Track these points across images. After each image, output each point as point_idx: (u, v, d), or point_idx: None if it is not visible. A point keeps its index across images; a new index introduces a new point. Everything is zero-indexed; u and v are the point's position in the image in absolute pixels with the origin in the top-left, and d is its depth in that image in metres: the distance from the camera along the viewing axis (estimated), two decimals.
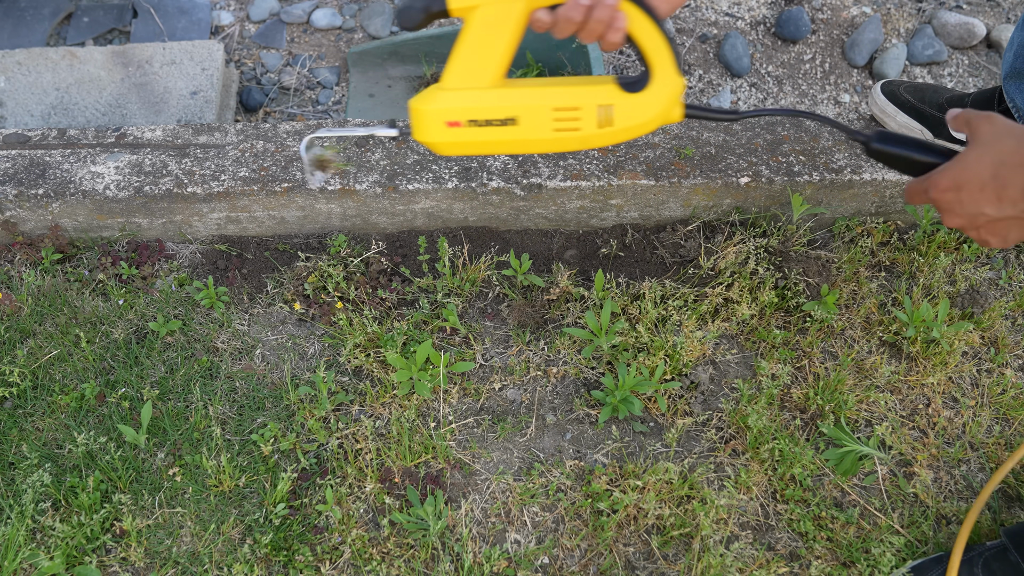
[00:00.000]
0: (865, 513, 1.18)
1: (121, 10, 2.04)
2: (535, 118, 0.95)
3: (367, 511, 1.16)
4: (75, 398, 1.24)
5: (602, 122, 0.95)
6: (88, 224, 1.42)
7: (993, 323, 1.37)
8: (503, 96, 0.94)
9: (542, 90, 0.94)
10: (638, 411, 1.22)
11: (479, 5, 0.89)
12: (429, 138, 0.97)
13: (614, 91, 0.93)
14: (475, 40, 0.91)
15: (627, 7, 0.85)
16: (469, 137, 0.96)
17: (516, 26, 0.91)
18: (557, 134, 0.96)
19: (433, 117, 0.94)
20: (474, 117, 0.95)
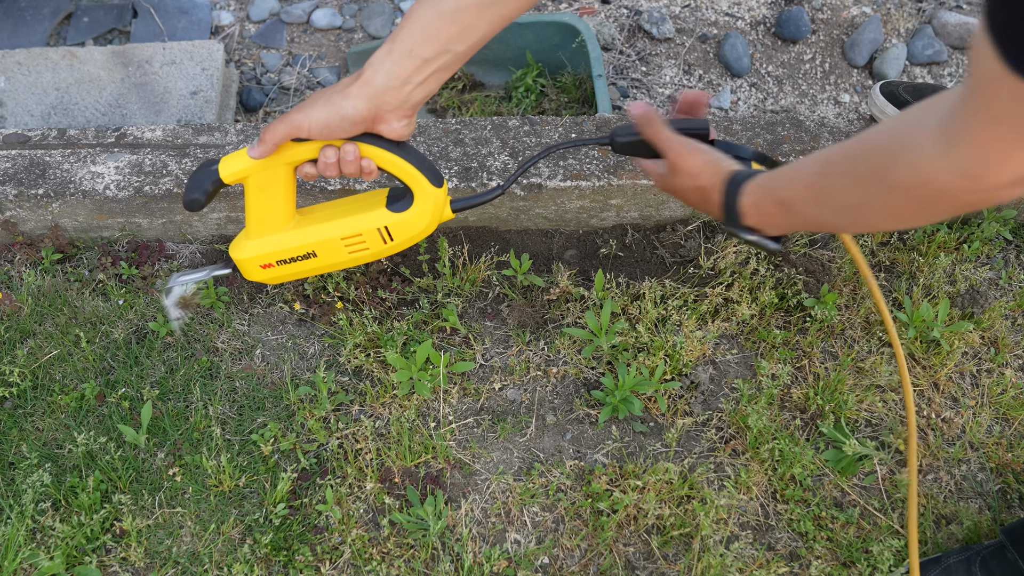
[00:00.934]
0: (865, 513, 1.18)
1: (121, 10, 2.04)
2: (329, 249, 1.07)
3: (367, 511, 1.16)
4: (75, 398, 1.24)
5: (385, 240, 1.06)
6: (88, 224, 1.42)
7: (993, 323, 1.37)
8: (298, 236, 1.07)
9: (329, 224, 1.06)
10: (638, 411, 1.22)
11: (249, 175, 1.00)
12: (253, 278, 1.11)
13: (385, 214, 1.04)
14: (258, 199, 1.03)
15: (368, 150, 0.95)
16: (284, 271, 1.10)
17: (286, 181, 1.02)
18: (352, 255, 1.08)
19: (249, 264, 1.09)
20: (280, 257, 1.08)
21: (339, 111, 0.88)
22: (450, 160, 1.41)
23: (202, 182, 1.00)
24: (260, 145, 0.94)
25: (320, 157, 0.94)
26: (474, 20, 0.87)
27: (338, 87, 0.89)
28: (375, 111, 0.89)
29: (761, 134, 1.48)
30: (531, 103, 1.85)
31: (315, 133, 0.91)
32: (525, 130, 1.47)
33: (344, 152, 0.93)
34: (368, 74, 0.87)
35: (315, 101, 0.89)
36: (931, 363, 1.32)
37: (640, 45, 1.96)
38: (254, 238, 1.08)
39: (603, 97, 1.61)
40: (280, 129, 0.91)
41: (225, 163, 1.00)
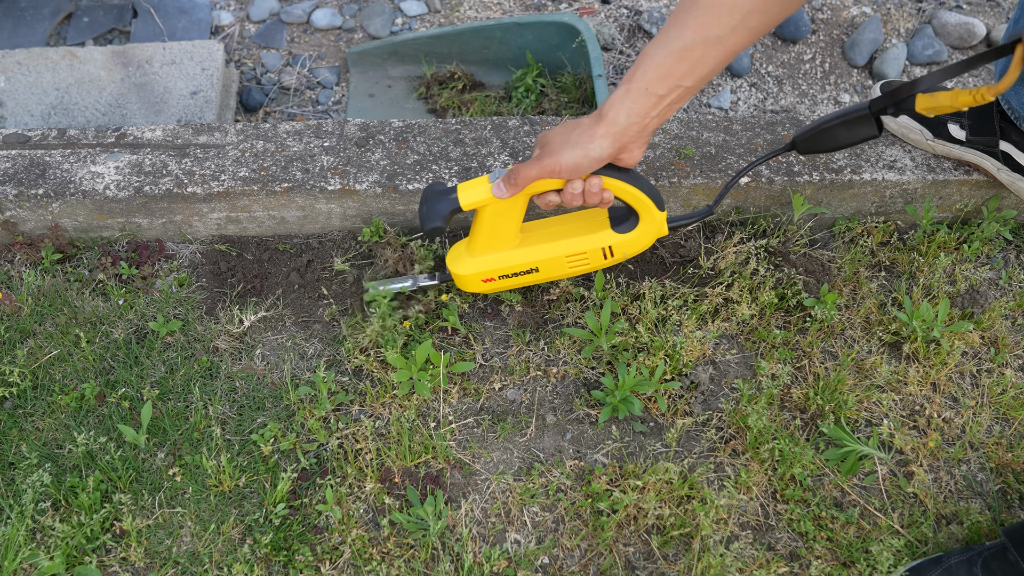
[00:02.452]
0: (865, 513, 1.18)
1: (121, 10, 2.04)
2: (552, 265, 1.19)
3: (367, 511, 1.16)
4: (75, 398, 1.24)
5: (606, 256, 1.18)
6: (88, 224, 1.42)
7: (993, 323, 1.37)
8: (524, 254, 1.18)
9: (555, 244, 1.17)
10: (638, 411, 1.22)
11: (488, 204, 1.10)
12: (470, 290, 1.24)
13: (611, 235, 1.15)
14: (491, 224, 1.13)
15: (608, 182, 1.05)
16: (503, 284, 1.22)
17: (522, 208, 1.12)
18: (571, 269, 1.20)
19: (471, 278, 1.21)
20: (504, 273, 1.20)
21: (588, 153, 1.00)
22: (450, 160, 1.41)
23: (442, 211, 1.09)
24: (511, 188, 1.06)
25: (567, 190, 1.05)
26: (701, 56, 0.94)
27: (579, 129, 1.00)
28: (619, 146, 1.00)
29: (761, 134, 1.48)
30: (531, 103, 1.85)
31: (566, 175, 1.02)
32: (525, 130, 1.47)
33: (590, 185, 1.04)
34: (611, 116, 0.97)
35: (562, 146, 1.01)
36: (931, 363, 1.32)
37: (640, 45, 1.96)
38: (479, 255, 1.19)
39: (603, 97, 1.61)
40: (533, 175, 1.03)
41: (465, 194, 1.09)
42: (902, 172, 1.42)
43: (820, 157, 1.44)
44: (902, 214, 1.49)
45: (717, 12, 0.91)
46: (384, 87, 1.98)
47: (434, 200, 1.10)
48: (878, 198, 1.45)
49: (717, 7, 0.91)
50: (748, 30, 0.93)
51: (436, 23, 2.07)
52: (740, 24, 0.92)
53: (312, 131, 1.46)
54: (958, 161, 1.43)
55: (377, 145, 1.44)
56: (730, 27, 0.92)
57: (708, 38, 0.92)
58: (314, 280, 1.40)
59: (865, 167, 1.42)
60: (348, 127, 1.47)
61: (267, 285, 1.39)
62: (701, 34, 0.93)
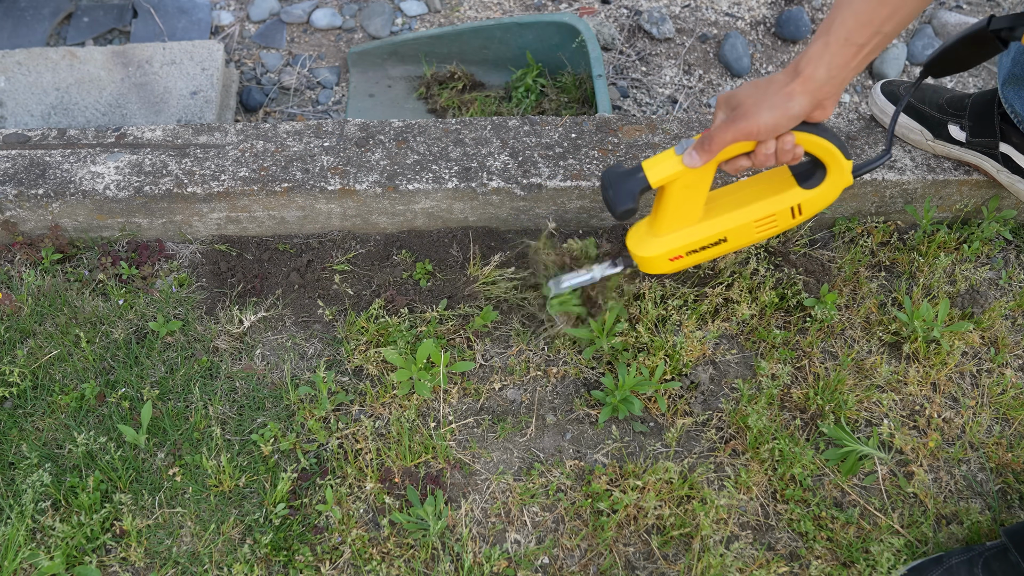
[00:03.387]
0: (865, 513, 1.18)
1: (121, 10, 2.04)
2: (741, 232, 1.15)
3: (367, 511, 1.16)
4: (75, 398, 1.24)
5: (795, 215, 1.14)
6: (88, 224, 1.42)
7: (993, 323, 1.37)
8: (711, 226, 1.14)
9: (742, 211, 1.13)
10: (638, 411, 1.22)
11: (677, 178, 1.06)
12: (656, 271, 1.19)
13: (799, 192, 1.12)
14: (680, 197, 1.09)
15: (801, 137, 1.02)
16: (691, 260, 1.17)
17: (709, 178, 1.08)
18: (759, 234, 1.16)
19: (658, 259, 1.16)
20: (692, 248, 1.15)
21: (787, 112, 0.96)
22: (450, 160, 1.41)
23: (632, 190, 1.05)
24: (704, 154, 1.01)
25: (760, 150, 1.00)
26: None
27: (774, 87, 0.96)
28: (816, 103, 0.96)
29: None
30: (531, 103, 1.85)
31: (764, 136, 0.98)
32: (525, 130, 1.47)
33: (783, 143, 0.99)
34: (808, 71, 0.93)
35: (757, 106, 0.96)
36: (931, 363, 1.32)
37: (640, 45, 1.96)
38: (664, 234, 1.14)
39: (603, 97, 1.61)
40: (728, 138, 0.98)
41: (653, 169, 1.05)
42: (902, 172, 1.42)
43: None
44: (902, 214, 1.49)
45: None
46: (384, 87, 1.98)
47: (620, 181, 1.06)
48: (878, 198, 1.45)
49: None
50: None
51: (436, 23, 2.07)
52: None
53: (312, 131, 1.46)
54: (958, 161, 1.43)
55: (377, 145, 1.44)
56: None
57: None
58: (314, 280, 1.40)
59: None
60: (348, 127, 1.47)
61: (267, 285, 1.39)
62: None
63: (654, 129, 1.48)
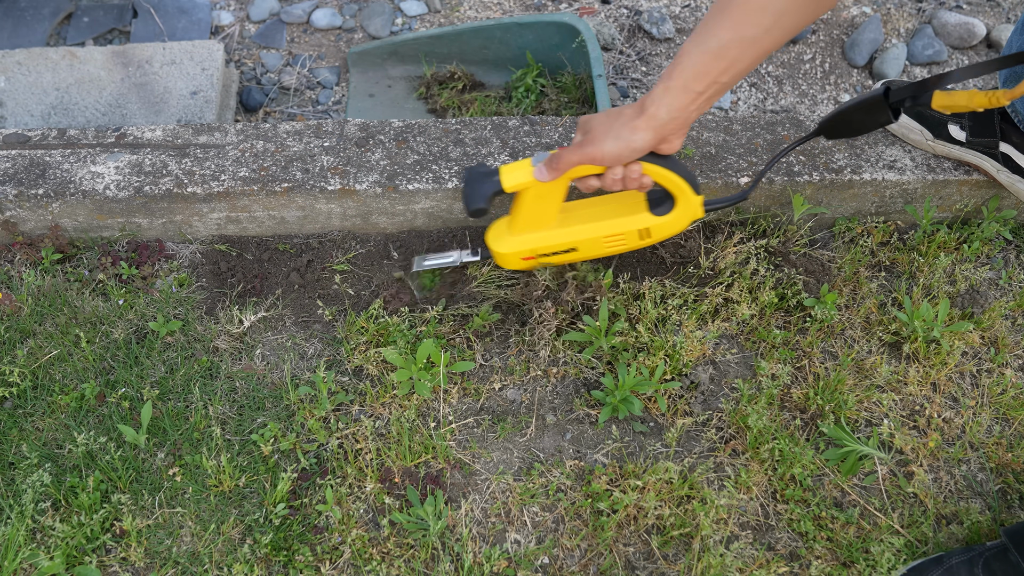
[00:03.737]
0: (865, 513, 1.18)
1: (121, 10, 2.04)
2: (590, 245, 1.22)
3: (367, 511, 1.16)
4: (75, 398, 1.24)
5: (643, 237, 1.21)
6: (88, 224, 1.42)
7: (993, 323, 1.37)
8: (563, 234, 1.21)
9: (593, 225, 1.20)
10: (638, 411, 1.22)
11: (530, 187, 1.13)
12: (508, 267, 1.28)
13: (648, 217, 1.19)
14: (533, 204, 1.16)
15: (648, 168, 1.08)
16: (539, 262, 1.26)
17: (563, 191, 1.15)
18: (607, 248, 1.23)
19: (511, 256, 1.24)
20: (543, 252, 1.23)
21: (630, 144, 1.04)
22: (450, 160, 1.41)
23: (485, 192, 1.13)
24: (552, 172, 1.10)
25: (608, 175, 1.09)
26: (737, 56, 0.97)
27: (622, 120, 1.04)
28: (660, 138, 1.04)
29: (761, 134, 1.48)
30: (531, 103, 1.85)
31: (608, 163, 1.06)
32: (525, 130, 1.47)
33: (630, 171, 1.08)
34: (652, 110, 1.01)
35: (604, 135, 1.05)
36: (931, 363, 1.32)
37: (640, 45, 1.96)
38: (518, 234, 1.22)
39: (603, 97, 1.61)
40: (574, 160, 1.07)
41: (508, 176, 1.13)
42: (902, 172, 1.42)
43: (820, 157, 1.44)
44: (902, 214, 1.49)
45: (751, 12, 0.94)
46: (384, 87, 1.98)
47: (477, 182, 1.14)
48: (878, 198, 1.45)
49: (751, 7, 0.94)
50: (782, 30, 0.95)
51: (436, 23, 2.07)
52: (774, 24, 0.94)
53: (312, 131, 1.46)
54: (958, 161, 1.43)
55: (377, 145, 1.44)
56: (764, 28, 0.94)
57: (743, 38, 0.95)
58: (314, 280, 1.40)
59: (865, 167, 1.42)
60: (348, 127, 1.47)
61: (267, 285, 1.39)
62: (736, 34, 0.95)
63: None
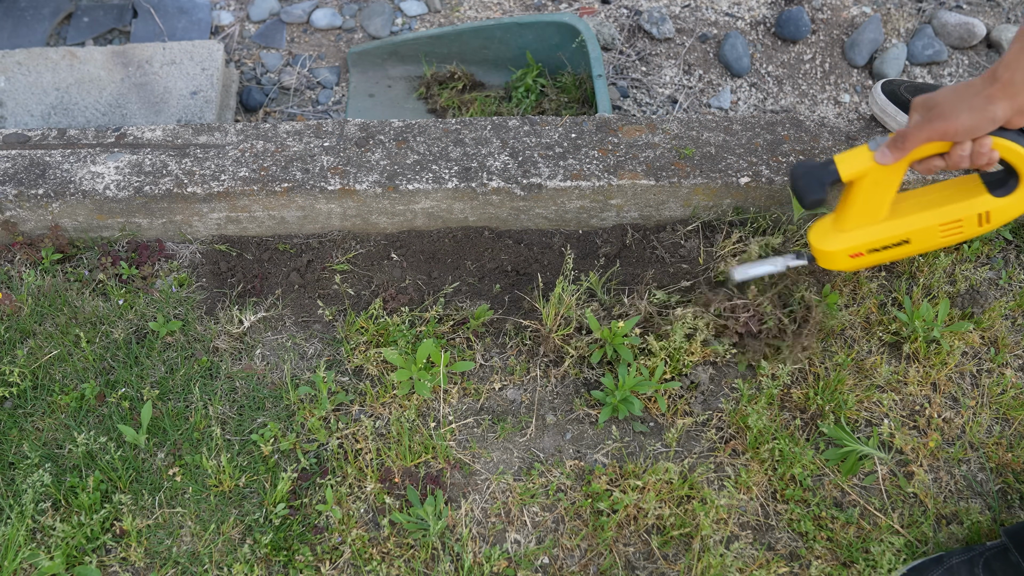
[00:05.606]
0: (865, 513, 1.18)
1: (121, 10, 2.04)
2: (925, 236, 1.14)
3: (367, 511, 1.16)
4: (75, 398, 1.24)
5: (982, 222, 1.13)
6: (88, 224, 1.42)
7: (993, 323, 1.37)
8: (895, 226, 1.14)
9: (928, 213, 1.13)
10: (638, 411, 1.22)
11: (868, 173, 1.08)
12: (835, 267, 1.20)
13: (989, 200, 1.11)
14: (867, 194, 1.11)
15: (998, 142, 1.02)
16: (871, 259, 1.18)
17: (900, 177, 1.09)
18: (944, 238, 1.15)
19: (839, 254, 1.17)
20: (873, 247, 1.16)
21: (987, 115, 0.98)
22: (450, 160, 1.41)
23: (823, 180, 1.08)
24: (897, 152, 1.04)
25: (955, 152, 1.02)
26: None
27: (972, 90, 0.99)
28: (1017, 108, 0.97)
29: (761, 134, 1.48)
30: (531, 103, 1.85)
31: (960, 137, 1.00)
32: (525, 130, 1.47)
33: (979, 146, 1.01)
34: (1007, 76, 0.96)
35: (955, 109, 0.99)
36: (931, 363, 1.32)
37: (640, 45, 1.96)
38: (848, 230, 1.15)
39: (603, 97, 1.61)
40: (923, 137, 1.01)
41: (845, 164, 1.08)
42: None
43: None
44: None
45: None
46: (384, 87, 1.98)
47: (812, 173, 1.09)
48: None
49: None
50: None
51: (436, 23, 2.06)
52: None
53: (312, 131, 1.46)
54: None
55: (377, 145, 1.44)
56: None
57: None
58: (314, 280, 1.40)
59: None
60: (348, 127, 1.47)
61: (267, 285, 1.39)
62: None
63: (654, 129, 1.48)
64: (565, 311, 1.27)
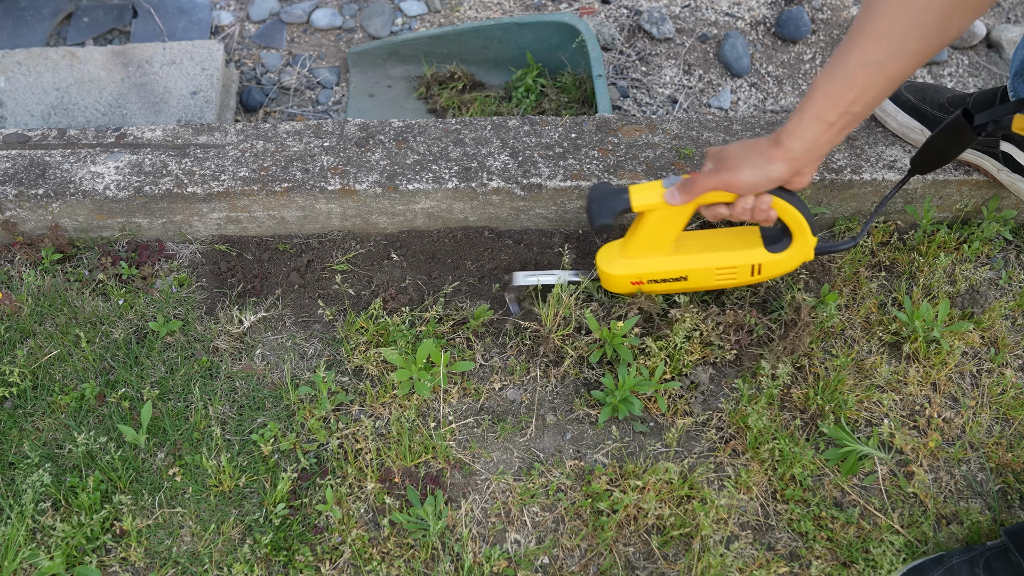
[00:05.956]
0: (865, 513, 1.18)
1: (121, 10, 2.04)
2: (701, 276, 1.22)
3: (367, 511, 1.16)
4: (75, 398, 1.24)
5: (754, 273, 1.21)
6: (88, 224, 1.42)
7: (993, 323, 1.37)
8: (676, 261, 1.21)
9: (707, 255, 1.20)
10: (638, 411, 1.22)
11: (657, 209, 1.14)
12: (615, 290, 1.26)
13: (763, 253, 1.19)
14: (655, 228, 1.16)
15: (777, 202, 1.10)
16: (648, 288, 1.24)
17: (687, 217, 1.15)
18: (717, 281, 1.22)
19: (620, 279, 1.23)
20: (653, 278, 1.22)
21: (767, 174, 1.06)
22: (450, 160, 1.41)
23: (614, 207, 1.14)
24: (684, 196, 1.11)
25: (739, 204, 1.10)
26: (866, 83, 0.98)
27: (758, 149, 1.07)
28: (794, 171, 1.06)
29: (761, 134, 1.48)
30: (531, 103, 1.85)
31: (743, 191, 1.08)
32: (525, 130, 1.47)
33: (760, 202, 1.10)
34: (787, 143, 1.04)
35: (741, 163, 1.07)
36: (931, 363, 1.32)
37: (640, 45, 1.96)
38: (632, 258, 1.21)
39: (603, 97, 1.61)
40: (710, 185, 1.09)
41: (637, 195, 1.13)
42: (902, 172, 1.42)
43: None
44: (902, 214, 1.49)
45: (875, 37, 0.95)
46: (384, 87, 1.98)
47: (605, 198, 1.14)
48: (878, 198, 1.45)
49: (875, 32, 0.95)
50: (908, 55, 0.95)
51: (436, 23, 2.06)
52: (899, 49, 0.95)
53: (312, 131, 1.46)
54: (958, 161, 1.43)
55: (377, 145, 1.44)
56: (889, 52, 0.95)
57: (868, 63, 0.96)
58: (314, 280, 1.40)
59: (865, 167, 1.42)
60: (348, 127, 1.47)
61: (267, 285, 1.39)
62: (862, 59, 0.96)
63: (654, 129, 1.48)
64: (564, 311, 1.27)
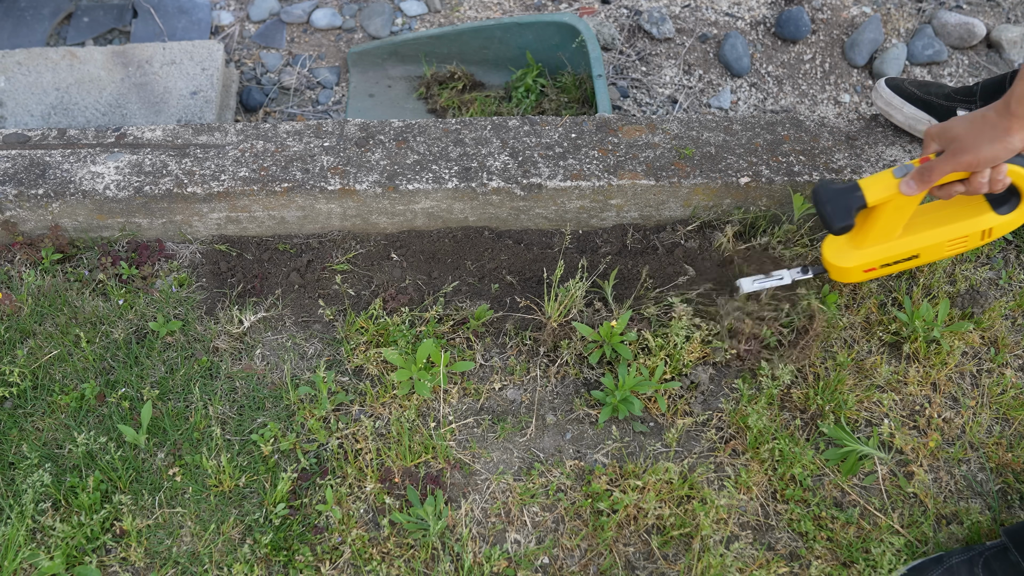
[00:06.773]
0: (865, 513, 1.18)
1: (121, 10, 2.04)
2: (934, 249, 1.22)
3: (367, 511, 1.16)
4: (75, 398, 1.24)
5: (984, 237, 1.21)
6: (88, 224, 1.42)
7: (993, 323, 1.37)
8: (909, 242, 1.21)
9: (939, 230, 1.21)
10: (638, 411, 1.22)
11: (892, 199, 1.14)
12: (849, 280, 1.27)
13: (993, 217, 1.19)
14: (889, 217, 1.17)
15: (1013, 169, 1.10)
16: (880, 272, 1.25)
17: (919, 202, 1.16)
18: (950, 251, 1.23)
19: (855, 270, 1.24)
20: (886, 261, 1.23)
21: (1008, 147, 1.05)
22: (450, 160, 1.41)
23: (850, 207, 1.14)
24: (922, 185, 1.11)
25: (976, 179, 1.09)
26: None
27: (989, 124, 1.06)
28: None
29: (761, 134, 1.48)
30: (531, 103, 1.85)
31: (983, 167, 1.07)
32: (525, 130, 1.47)
33: (996, 173, 1.09)
34: (1020, 111, 1.03)
35: (977, 142, 1.07)
36: (931, 363, 1.32)
37: (640, 45, 1.96)
38: (866, 247, 1.22)
39: (603, 97, 1.61)
40: (949, 169, 1.08)
41: (871, 191, 1.14)
42: None
43: (820, 157, 1.44)
44: None
45: None
46: (384, 87, 1.98)
47: (837, 198, 1.15)
48: None
49: None
50: None
51: (436, 23, 2.07)
52: None
53: (312, 131, 1.46)
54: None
55: (377, 145, 1.44)
56: None
57: None
58: (314, 280, 1.40)
59: (865, 167, 1.42)
60: (348, 127, 1.47)
61: (267, 285, 1.39)
62: None
63: (654, 129, 1.48)
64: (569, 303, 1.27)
